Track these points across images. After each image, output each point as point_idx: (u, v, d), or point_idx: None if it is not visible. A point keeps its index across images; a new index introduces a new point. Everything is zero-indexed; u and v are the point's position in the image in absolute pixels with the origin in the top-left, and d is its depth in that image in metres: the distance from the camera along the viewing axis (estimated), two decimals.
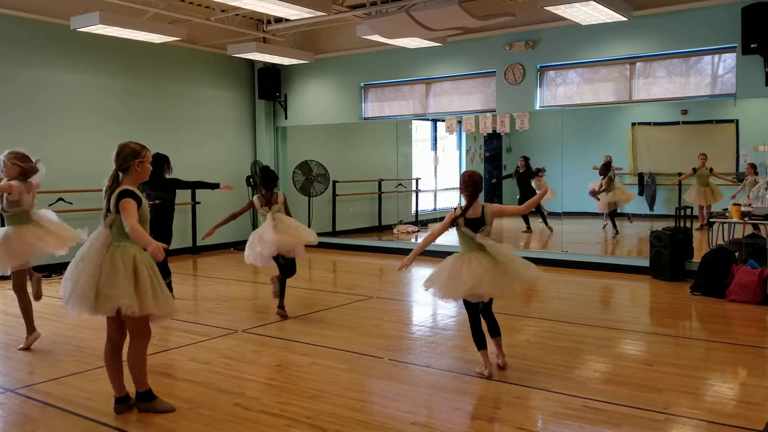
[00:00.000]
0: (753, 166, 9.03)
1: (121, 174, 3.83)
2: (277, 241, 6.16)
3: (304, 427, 3.76)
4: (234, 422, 3.83)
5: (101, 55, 9.82)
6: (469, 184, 4.62)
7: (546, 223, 11.34)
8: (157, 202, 6.45)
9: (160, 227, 6.29)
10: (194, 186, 7.24)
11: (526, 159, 11.78)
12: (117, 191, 3.76)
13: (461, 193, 4.67)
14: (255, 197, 6.46)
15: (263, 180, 6.46)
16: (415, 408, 4.11)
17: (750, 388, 4.45)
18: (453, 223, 4.67)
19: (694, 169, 9.95)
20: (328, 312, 6.77)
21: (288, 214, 6.45)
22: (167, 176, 6.65)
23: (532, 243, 11.65)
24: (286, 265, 6.48)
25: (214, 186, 7.13)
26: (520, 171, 11.82)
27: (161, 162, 6.44)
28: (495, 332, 4.78)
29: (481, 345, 4.66)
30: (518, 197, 11.85)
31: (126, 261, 3.72)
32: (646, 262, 8.45)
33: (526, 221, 11.91)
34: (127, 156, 3.81)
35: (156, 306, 3.78)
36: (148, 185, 6.15)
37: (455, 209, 4.69)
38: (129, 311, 3.69)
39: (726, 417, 3.86)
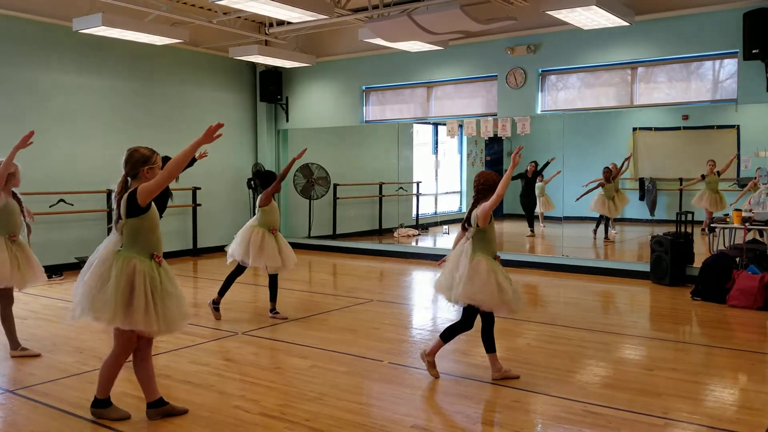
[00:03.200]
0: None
1: (130, 180, 3.75)
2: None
3: (303, 429, 3.75)
4: (233, 424, 3.83)
5: (103, 56, 9.83)
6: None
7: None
8: None
9: None
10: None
11: (536, 164, 11.73)
12: (126, 194, 3.69)
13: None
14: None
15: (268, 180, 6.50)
16: (415, 411, 4.11)
17: (750, 394, 4.44)
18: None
19: (703, 176, 9.86)
20: (328, 315, 6.77)
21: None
22: None
23: (535, 247, 11.66)
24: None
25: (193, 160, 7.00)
26: (529, 176, 11.77)
27: None
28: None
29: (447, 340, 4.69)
30: (521, 197, 11.90)
31: (122, 273, 3.62)
32: (646, 267, 8.44)
33: (530, 225, 11.91)
34: (137, 162, 3.71)
35: (146, 323, 3.62)
36: None
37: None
38: (113, 324, 3.65)
39: (726, 422, 3.86)
